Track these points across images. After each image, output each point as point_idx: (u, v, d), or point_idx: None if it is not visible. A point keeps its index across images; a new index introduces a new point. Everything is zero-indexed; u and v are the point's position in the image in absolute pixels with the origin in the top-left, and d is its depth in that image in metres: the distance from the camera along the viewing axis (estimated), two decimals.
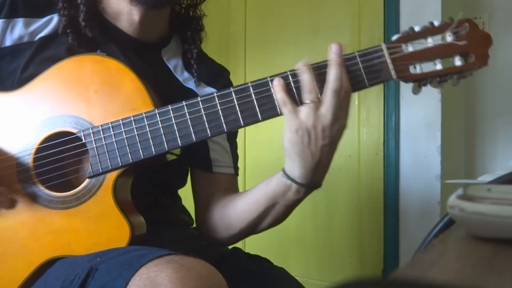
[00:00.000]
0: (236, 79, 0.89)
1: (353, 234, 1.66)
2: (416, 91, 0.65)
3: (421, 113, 1.52)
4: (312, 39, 1.74)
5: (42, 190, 0.70)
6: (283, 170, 0.69)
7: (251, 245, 1.86)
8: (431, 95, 1.48)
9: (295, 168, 0.67)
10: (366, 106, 1.64)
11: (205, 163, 0.84)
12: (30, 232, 0.69)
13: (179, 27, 0.87)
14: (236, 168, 0.88)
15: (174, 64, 0.84)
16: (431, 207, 1.50)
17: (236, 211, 0.78)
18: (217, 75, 0.88)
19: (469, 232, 0.33)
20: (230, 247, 0.90)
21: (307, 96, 0.63)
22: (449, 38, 0.62)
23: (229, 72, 0.92)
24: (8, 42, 0.74)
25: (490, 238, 0.31)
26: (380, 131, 1.61)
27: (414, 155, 1.55)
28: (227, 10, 1.95)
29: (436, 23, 0.63)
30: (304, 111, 0.63)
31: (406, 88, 0.66)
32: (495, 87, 1.62)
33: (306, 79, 0.64)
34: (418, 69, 0.63)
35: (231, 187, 0.84)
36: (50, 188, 0.70)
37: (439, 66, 0.63)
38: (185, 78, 0.85)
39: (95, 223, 0.67)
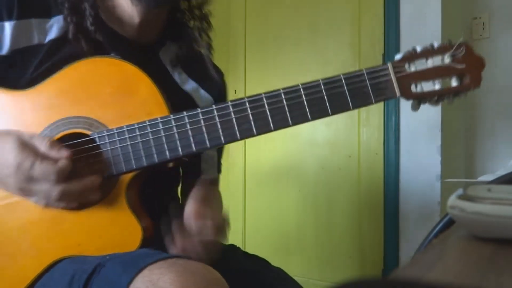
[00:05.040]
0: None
1: (353, 234, 1.66)
2: (415, 108, 0.71)
3: (421, 113, 1.52)
4: (312, 39, 1.74)
5: None
6: None
7: (251, 244, 1.87)
8: None
9: None
10: (366, 106, 1.64)
11: (196, 173, 0.87)
12: (41, 232, 0.69)
13: (177, 28, 0.87)
14: (219, 168, 0.93)
15: (172, 65, 0.84)
16: (431, 207, 1.50)
17: None
18: (212, 78, 0.89)
19: (469, 232, 0.33)
20: (227, 243, 0.90)
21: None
22: (447, 60, 0.68)
23: (223, 73, 0.94)
24: (20, 44, 0.72)
25: (490, 238, 0.31)
26: (380, 131, 1.61)
27: (414, 155, 1.55)
28: (227, 10, 1.95)
29: (435, 45, 0.68)
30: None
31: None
32: (495, 87, 1.62)
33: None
34: (418, 88, 0.69)
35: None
36: None
37: (437, 86, 0.68)
38: (182, 79, 0.85)
39: (106, 225, 0.68)
